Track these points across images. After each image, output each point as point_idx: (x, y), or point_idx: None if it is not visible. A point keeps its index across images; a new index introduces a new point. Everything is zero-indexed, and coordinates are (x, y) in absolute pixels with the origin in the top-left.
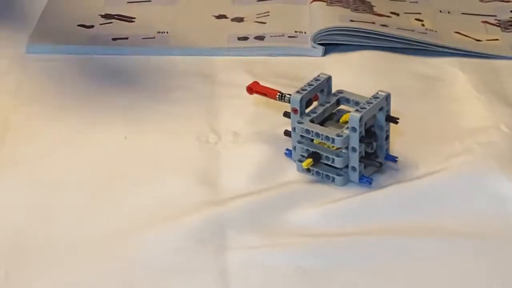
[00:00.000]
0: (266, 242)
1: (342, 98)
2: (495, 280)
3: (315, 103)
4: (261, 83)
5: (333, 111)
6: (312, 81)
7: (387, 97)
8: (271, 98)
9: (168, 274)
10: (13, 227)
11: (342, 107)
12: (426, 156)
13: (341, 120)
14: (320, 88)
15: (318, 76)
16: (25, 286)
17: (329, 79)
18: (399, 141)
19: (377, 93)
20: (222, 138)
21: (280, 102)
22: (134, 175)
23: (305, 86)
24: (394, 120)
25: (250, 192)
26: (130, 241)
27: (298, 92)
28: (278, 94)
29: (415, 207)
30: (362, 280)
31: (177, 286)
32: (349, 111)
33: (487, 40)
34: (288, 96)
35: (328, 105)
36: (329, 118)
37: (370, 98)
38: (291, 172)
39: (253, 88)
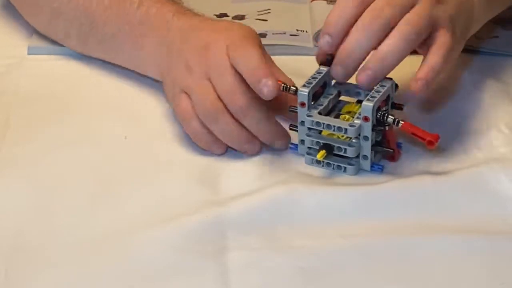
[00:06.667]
0: (267, 243)
1: (342, 89)
2: (495, 280)
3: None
4: None
5: (335, 102)
6: (315, 74)
7: (393, 85)
8: None
9: (168, 275)
10: (13, 227)
11: (342, 97)
12: (426, 156)
13: (342, 111)
14: (323, 80)
15: (319, 69)
16: (25, 285)
17: (329, 71)
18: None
19: (382, 81)
20: None
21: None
22: (134, 175)
23: (309, 79)
24: (400, 107)
25: (251, 191)
26: (130, 241)
27: (304, 86)
28: (283, 85)
29: (416, 207)
30: (362, 280)
31: (177, 286)
32: (350, 102)
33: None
34: (294, 88)
35: (331, 96)
36: (332, 109)
37: (377, 87)
38: (292, 170)
39: None
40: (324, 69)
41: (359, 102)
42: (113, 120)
